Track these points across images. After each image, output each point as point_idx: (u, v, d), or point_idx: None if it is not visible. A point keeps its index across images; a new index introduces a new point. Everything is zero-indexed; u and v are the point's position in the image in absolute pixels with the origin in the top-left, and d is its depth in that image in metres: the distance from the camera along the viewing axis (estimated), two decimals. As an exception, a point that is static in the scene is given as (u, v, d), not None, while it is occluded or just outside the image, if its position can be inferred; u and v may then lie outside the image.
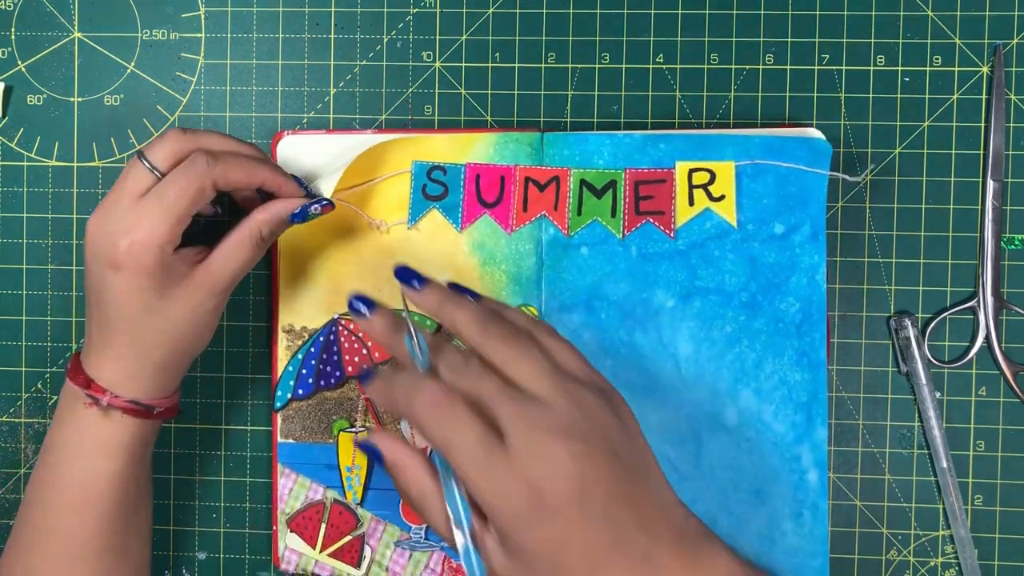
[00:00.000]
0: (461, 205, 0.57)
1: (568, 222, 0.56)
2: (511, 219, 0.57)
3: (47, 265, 0.61)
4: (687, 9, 0.59)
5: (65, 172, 0.61)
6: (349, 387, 0.58)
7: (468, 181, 0.57)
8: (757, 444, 0.56)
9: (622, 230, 0.56)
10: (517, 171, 0.57)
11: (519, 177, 0.57)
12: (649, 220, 0.56)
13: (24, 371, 0.61)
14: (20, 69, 0.61)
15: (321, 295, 0.58)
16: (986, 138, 0.58)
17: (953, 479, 0.58)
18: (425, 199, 0.57)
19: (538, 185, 0.57)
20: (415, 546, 0.57)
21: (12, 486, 0.62)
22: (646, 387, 0.56)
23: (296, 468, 0.58)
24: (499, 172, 0.57)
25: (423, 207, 0.57)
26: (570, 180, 0.57)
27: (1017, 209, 0.58)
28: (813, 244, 0.55)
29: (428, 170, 0.57)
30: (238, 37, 0.61)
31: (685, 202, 0.56)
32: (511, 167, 0.57)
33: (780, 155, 0.55)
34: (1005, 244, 0.58)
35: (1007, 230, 0.58)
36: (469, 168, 0.57)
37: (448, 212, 0.57)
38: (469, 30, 0.60)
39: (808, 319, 0.56)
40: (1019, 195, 0.58)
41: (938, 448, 0.58)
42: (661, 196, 0.56)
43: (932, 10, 0.58)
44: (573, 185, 0.56)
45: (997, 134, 0.58)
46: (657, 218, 0.56)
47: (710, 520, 0.56)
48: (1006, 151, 0.58)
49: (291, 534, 0.58)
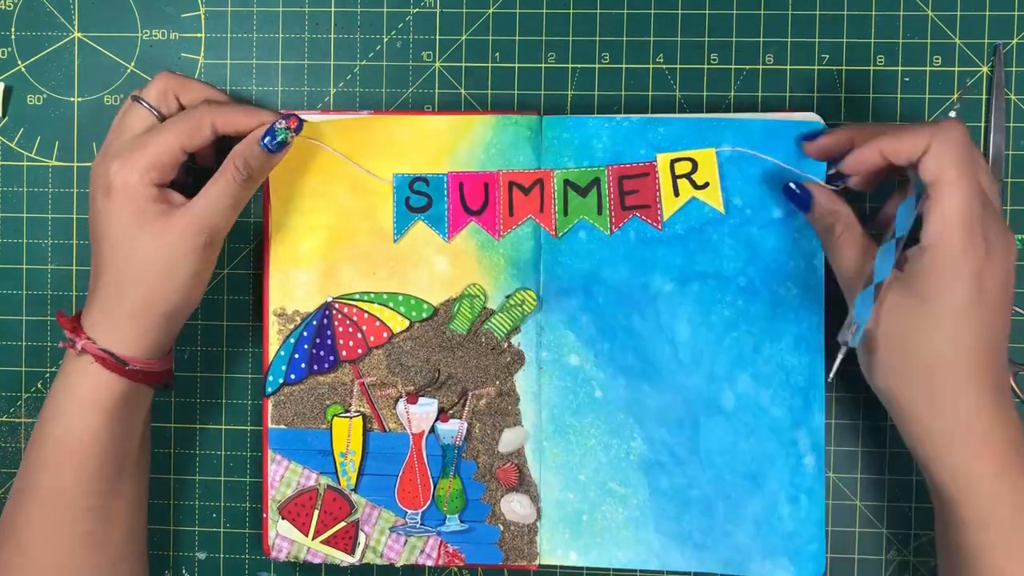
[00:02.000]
0: (446, 215, 0.57)
1: (555, 223, 0.56)
2: (498, 225, 0.57)
3: (47, 265, 0.61)
4: (687, 9, 0.59)
5: (65, 172, 0.61)
6: (343, 371, 0.58)
7: (452, 190, 0.57)
8: (754, 428, 0.56)
9: (610, 226, 0.56)
10: (500, 176, 0.57)
11: (503, 182, 0.57)
12: (636, 214, 0.56)
13: (24, 371, 0.62)
14: (20, 69, 0.61)
15: (314, 278, 0.57)
16: (986, 138, 0.58)
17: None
18: (409, 211, 0.57)
19: (522, 189, 0.56)
20: (411, 531, 0.57)
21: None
22: (644, 371, 0.56)
23: (288, 454, 0.58)
24: (482, 179, 0.57)
25: (407, 220, 0.57)
26: (554, 181, 0.56)
27: (1017, 209, 0.58)
28: (811, 229, 0.55)
29: (410, 182, 0.57)
30: (238, 37, 0.61)
31: (670, 193, 0.56)
32: (494, 172, 0.57)
33: (779, 139, 0.55)
34: (1005, 244, 0.58)
35: (1007, 230, 0.58)
36: (451, 177, 0.57)
37: (434, 223, 0.57)
38: (469, 30, 0.60)
39: (806, 303, 0.55)
40: (1019, 195, 0.58)
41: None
42: (645, 189, 0.56)
43: (932, 10, 0.58)
44: (557, 186, 0.56)
45: (997, 134, 0.58)
46: (644, 212, 0.56)
47: (707, 505, 0.56)
48: (1006, 151, 0.58)
49: (283, 521, 0.57)
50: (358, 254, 0.57)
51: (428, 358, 0.57)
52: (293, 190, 0.57)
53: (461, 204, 0.57)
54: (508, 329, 0.57)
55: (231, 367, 0.61)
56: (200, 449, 0.61)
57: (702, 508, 0.56)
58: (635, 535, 0.56)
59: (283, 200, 0.57)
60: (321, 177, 0.57)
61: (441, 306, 0.57)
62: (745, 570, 0.56)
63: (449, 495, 0.57)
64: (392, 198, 0.57)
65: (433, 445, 0.57)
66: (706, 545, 0.56)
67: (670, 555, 0.56)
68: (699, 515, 0.56)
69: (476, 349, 0.57)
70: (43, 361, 0.61)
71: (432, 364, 0.57)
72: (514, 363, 0.57)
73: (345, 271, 0.57)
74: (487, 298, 0.57)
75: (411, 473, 0.57)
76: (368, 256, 0.57)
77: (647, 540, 0.56)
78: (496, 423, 0.57)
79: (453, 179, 0.57)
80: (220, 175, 0.52)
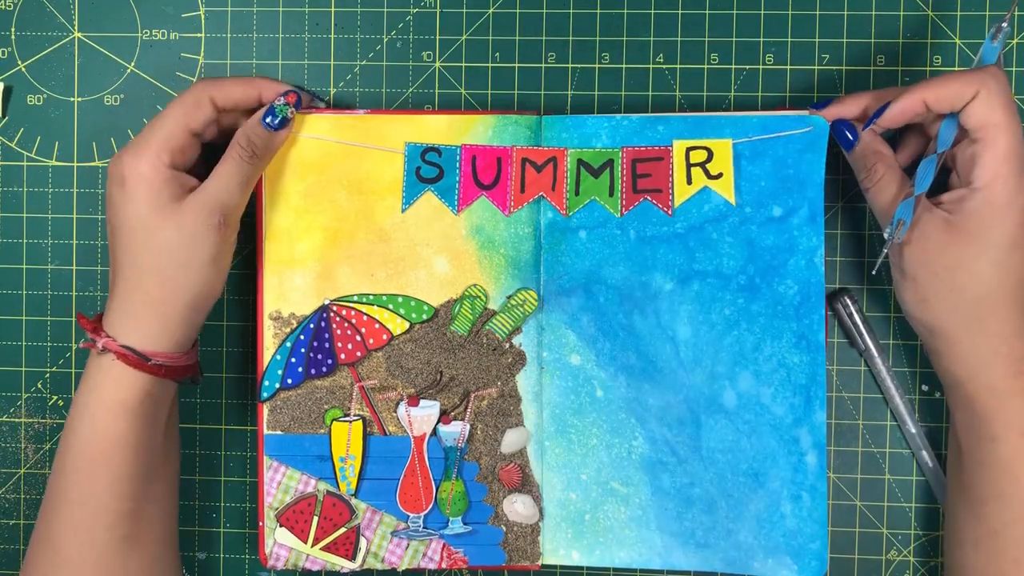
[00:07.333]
0: (457, 187, 0.57)
1: (566, 202, 0.56)
2: (509, 200, 0.56)
3: (47, 265, 0.61)
4: (687, 9, 0.59)
5: (65, 172, 0.61)
6: (341, 375, 0.57)
7: (464, 162, 0.57)
8: (756, 427, 0.56)
9: (620, 208, 0.56)
10: (514, 152, 0.56)
11: (516, 158, 0.57)
12: (647, 198, 0.56)
13: (24, 371, 0.61)
14: (20, 69, 0.61)
15: (310, 279, 0.57)
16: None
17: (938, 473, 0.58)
18: (419, 182, 0.57)
19: (535, 166, 0.56)
20: (413, 535, 0.57)
21: (12, 486, 0.62)
22: (645, 370, 0.56)
23: (284, 460, 0.57)
24: (496, 153, 0.57)
25: (417, 190, 0.57)
26: (567, 160, 0.56)
27: (1017, 209, 0.58)
28: (811, 226, 0.55)
29: (422, 151, 0.57)
30: (238, 37, 0.60)
31: (683, 180, 0.56)
32: (508, 148, 0.56)
33: (778, 136, 0.55)
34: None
35: (1007, 230, 0.58)
36: (465, 149, 0.57)
37: (444, 194, 0.57)
38: (469, 30, 0.60)
39: (807, 301, 0.56)
40: (1019, 195, 0.58)
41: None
42: (658, 174, 0.56)
43: (932, 10, 0.59)
44: (570, 165, 0.56)
45: (997, 134, 0.58)
46: (655, 196, 0.56)
47: (709, 503, 0.56)
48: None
49: (281, 529, 0.57)
50: (356, 255, 0.57)
51: (429, 360, 0.57)
52: (287, 190, 0.56)
53: (473, 177, 0.57)
54: (510, 329, 0.57)
55: (231, 367, 0.61)
56: (200, 449, 0.61)
57: (704, 507, 0.56)
58: (637, 534, 0.56)
59: (276, 200, 0.57)
60: (317, 177, 0.56)
61: (441, 307, 0.57)
62: (748, 569, 0.56)
63: (452, 497, 0.57)
64: (403, 167, 0.57)
65: (435, 447, 0.57)
66: (708, 544, 0.56)
67: (672, 554, 0.56)
68: (701, 514, 0.56)
69: (477, 350, 0.57)
70: (43, 361, 0.61)
71: (433, 366, 0.57)
72: (515, 363, 0.57)
73: (343, 272, 0.57)
74: (488, 299, 0.57)
75: (413, 476, 0.57)
76: (366, 257, 0.57)
77: (649, 539, 0.56)
78: (498, 424, 0.57)
79: (467, 151, 0.57)
80: (227, 156, 0.53)
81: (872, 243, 0.59)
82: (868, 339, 0.58)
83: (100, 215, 0.61)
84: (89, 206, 0.61)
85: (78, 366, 0.61)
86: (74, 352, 0.61)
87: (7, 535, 0.62)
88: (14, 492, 0.62)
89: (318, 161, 0.56)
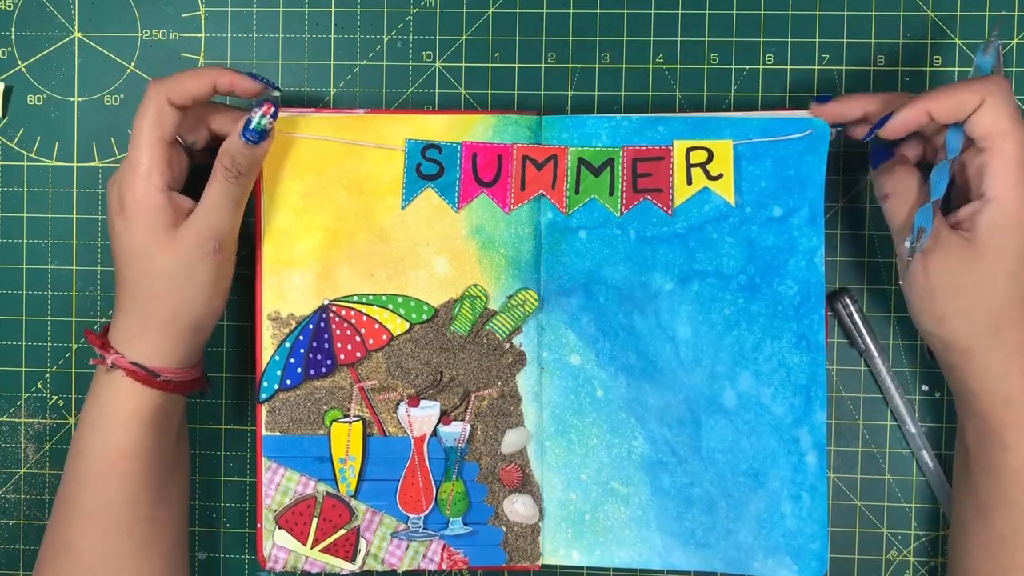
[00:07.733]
0: (457, 184, 0.57)
1: (566, 201, 0.56)
2: (509, 198, 0.56)
3: (47, 265, 0.61)
4: (687, 9, 0.59)
5: (65, 172, 0.61)
6: (341, 376, 0.57)
7: (464, 159, 0.57)
8: (756, 427, 0.56)
9: (620, 208, 0.56)
10: (515, 149, 0.56)
11: (516, 155, 0.56)
12: (647, 198, 0.56)
13: (24, 371, 0.61)
14: (20, 69, 0.61)
15: (309, 280, 0.57)
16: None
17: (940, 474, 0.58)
18: (419, 178, 0.57)
19: (535, 164, 0.56)
20: (413, 536, 0.57)
21: (12, 486, 0.62)
22: (645, 370, 0.56)
23: (283, 462, 0.57)
24: (496, 151, 0.57)
25: (417, 187, 0.57)
26: (568, 158, 0.56)
27: (1017, 209, 0.58)
28: (811, 227, 0.55)
29: (423, 148, 0.57)
30: (238, 37, 0.60)
31: (683, 180, 0.56)
32: (508, 145, 0.56)
33: (778, 136, 0.55)
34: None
35: (1007, 230, 0.58)
36: (465, 146, 0.57)
37: (444, 191, 0.57)
38: (469, 30, 0.60)
39: (807, 301, 0.56)
40: (1019, 195, 0.58)
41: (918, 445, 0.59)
42: (659, 173, 0.56)
43: (932, 10, 0.59)
44: (571, 163, 0.56)
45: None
46: (655, 196, 0.56)
47: (709, 503, 0.56)
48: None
49: (280, 531, 0.57)
50: (355, 255, 0.57)
51: (429, 360, 0.57)
52: (286, 190, 0.56)
53: (473, 174, 0.56)
54: (510, 329, 0.57)
55: (230, 368, 0.61)
56: (200, 449, 0.61)
57: (704, 507, 0.56)
58: (637, 534, 0.56)
59: (276, 200, 0.56)
60: (316, 177, 0.56)
61: (441, 307, 0.57)
62: (748, 569, 0.56)
63: (452, 498, 0.57)
64: (403, 163, 0.56)
65: (434, 448, 0.57)
66: (708, 544, 0.56)
67: (672, 554, 0.56)
68: (701, 514, 0.56)
69: (478, 350, 0.57)
70: (43, 361, 0.61)
71: (433, 366, 0.57)
72: (516, 364, 0.57)
73: (342, 273, 0.57)
74: (488, 299, 0.57)
75: (413, 477, 0.57)
76: (366, 257, 0.57)
77: (649, 539, 0.56)
78: (498, 424, 0.57)
79: (467, 148, 0.57)
80: (212, 178, 0.52)
81: (872, 243, 0.59)
82: (868, 339, 0.58)
83: (100, 215, 0.61)
84: (89, 206, 0.61)
85: (78, 366, 0.61)
86: (74, 352, 0.61)
87: (7, 535, 0.62)
88: (14, 492, 0.62)
89: (317, 161, 0.56)
